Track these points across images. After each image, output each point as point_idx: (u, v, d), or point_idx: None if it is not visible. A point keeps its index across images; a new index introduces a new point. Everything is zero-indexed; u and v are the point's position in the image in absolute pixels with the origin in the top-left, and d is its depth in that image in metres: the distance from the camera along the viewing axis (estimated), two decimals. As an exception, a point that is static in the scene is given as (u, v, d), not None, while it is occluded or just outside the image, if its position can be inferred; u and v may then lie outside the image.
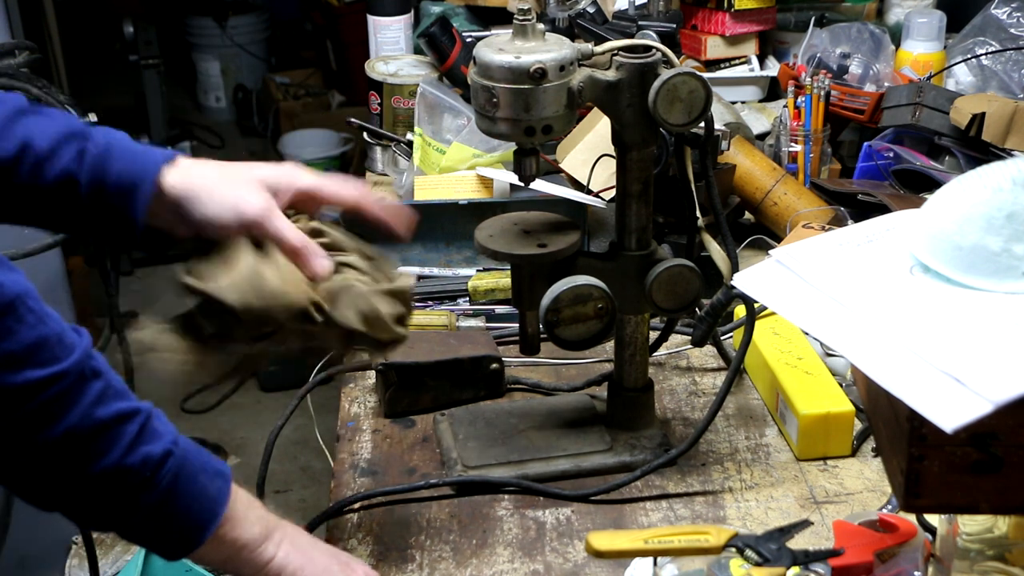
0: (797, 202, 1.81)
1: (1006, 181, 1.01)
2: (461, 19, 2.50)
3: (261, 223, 1.10)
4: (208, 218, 1.10)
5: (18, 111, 1.09)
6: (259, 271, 1.06)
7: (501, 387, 1.52)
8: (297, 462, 3.45)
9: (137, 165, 1.09)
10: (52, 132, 1.08)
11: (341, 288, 1.11)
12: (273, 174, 1.14)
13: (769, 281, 1.12)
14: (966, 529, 1.07)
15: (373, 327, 1.13)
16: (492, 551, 1.26)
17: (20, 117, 1.08)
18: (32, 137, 1.07)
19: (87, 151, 1.09)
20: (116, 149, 1.10)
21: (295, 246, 1.10)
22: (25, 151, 1.07)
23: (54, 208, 1.10)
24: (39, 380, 0.92)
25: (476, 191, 1.89)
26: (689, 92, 1.23)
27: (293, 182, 1.15)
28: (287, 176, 1.15)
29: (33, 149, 1.07)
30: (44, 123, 1.09)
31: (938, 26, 2.15)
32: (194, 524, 1.03)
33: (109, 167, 1.09)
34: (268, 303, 1.07)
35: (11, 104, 1.09)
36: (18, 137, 1.07)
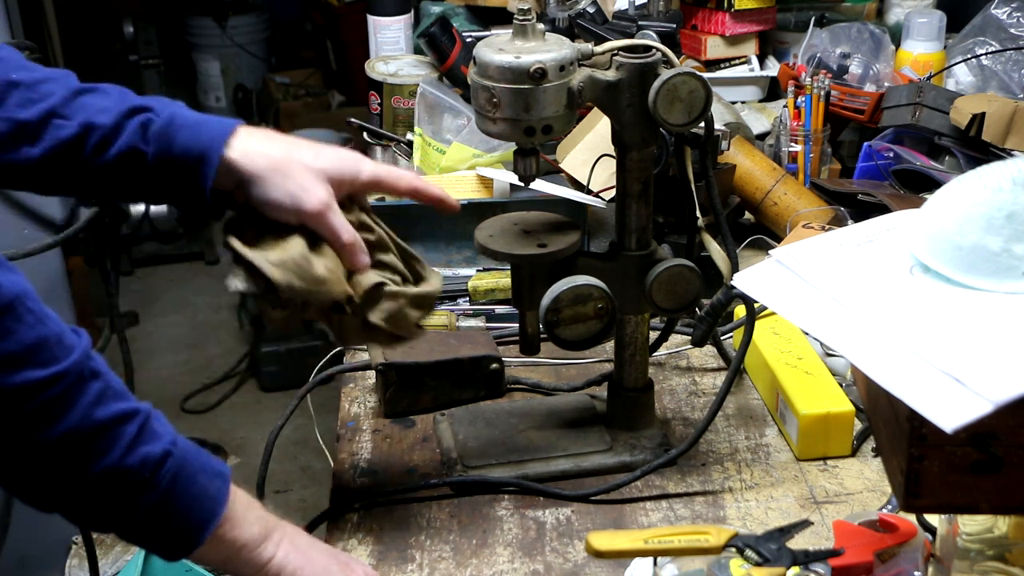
0: (797, 202, 1.81)
1: (1006, 181, 1.01)
2: (461, 19, 2.50)
3: (318, 219, 1.13)
4: (268, 201, 1.13)
5: (75, 91, 1.11)
6: (308, 257, 1.11)
7: (501, 387, 1.52)
8: (297, 462, 3.45)
9: (203, 136, 1.11)
10: (114, 108, 1.11)
11: (374, 286, 1.16)
12: (337, 166, 1.16)
13: (769, 281, 1.12)
14: (966, 529, 1.07)
15: (395, 326, 1.18)
16: (492, 551, 1.26)
17: (78, 97, 1.11)
18: (94, 115, 1.10)
19: (151, 123, 1.11)
20: (179, 119, 1.12)
21: (344, 243, 1.15)
22: (89, 130, 1.10)
23: (121, 181, 1.12)
24: (38, 381, 0.92)
25: (476, 191, 1.89)
26: (689, 92, 1.23)
27: (357, 175, 1.18)
28: (350, 168, 1.17)
29: (96, 126, 1.10)
30: (104, 100, 1.12)
31: (938, 26, 2.15)
32: (193, 524, 1.03)
33: (175, 138, 1.11)
34: (309, 289, 1.11)
35: (66, 84, 1.12)
36: (80, 116, 1.10)
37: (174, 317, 4.26)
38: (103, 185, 1.14)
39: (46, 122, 1.11)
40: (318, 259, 1.12)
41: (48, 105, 1.11)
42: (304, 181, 1.13)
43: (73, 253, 2.78)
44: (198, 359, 4.01)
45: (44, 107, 1.11)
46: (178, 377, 3.91)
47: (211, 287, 4.46)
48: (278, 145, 1.14)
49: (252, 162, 1.12)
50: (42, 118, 1.10)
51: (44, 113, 1.11)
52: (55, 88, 1.12)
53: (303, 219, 1.13)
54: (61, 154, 1.11)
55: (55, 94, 1.11)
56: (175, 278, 4.53)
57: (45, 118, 1.11)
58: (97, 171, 1.12)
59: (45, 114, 1.11)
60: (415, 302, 1.19)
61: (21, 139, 1.11)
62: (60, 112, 1.11)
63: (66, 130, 1.10)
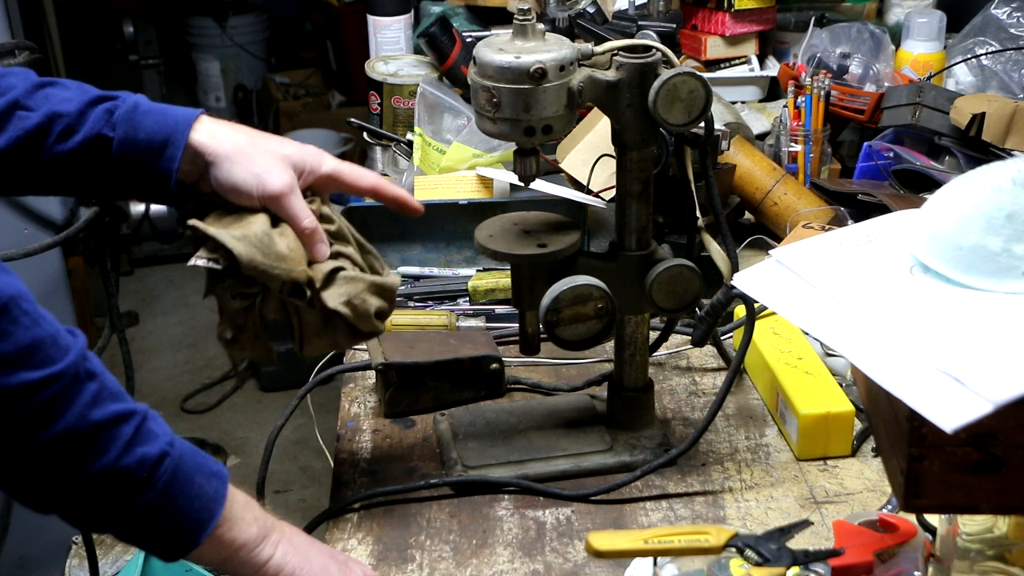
0: (797, 202, 1.81)
1: (1006, 181, 1.01)
2: (461, 19, 2.50)
3: (280, 200, 1.15)
4: (232, 183, 1.14)
5: (37, 84, 1.12)
6: (270, 234, 1.13)
7: (501, 387, 1.52)
8: (297, 462, 3.45)
9: (168, 121, 1.13)
10: (77, 98, 1.12)
11: (333, 271, 1.17)
12: (300, 154, 1.18)
13: (769, 281, 1.12)
14: (966, 529, 1.07)
15: (355, 314, 1.18)
16: (492, 551, 1.26)
17: (41, 89, 1.12)
18: (57, 104, 1.11)
19: (116, 109, 1.12)
20: (144, 105, 1.13)
21: (306, 228, 1.16)
22: (53, 119, 1.11)
23: (85, 170, 1.13)
24: (34, 382, 0.92)
25: (476, 191, 1.89)
26: (689, 92, 1.23)
27: (318, 166, 1.19)
28: (312, 159, 1.19)
29: (61, 115, 1.11)
30: (66, 92, 1.13)
31: (938, 26, 2.15)
32: (191, 525, 1.03)
33: (140, 123, 1.12)
34: (271, 264, 1.12)
35: (27, 77, 1.13)
36: (44, 106, 1.11)
37: (174, 317, 4.26)
38: (67, 176, 1.14)
39: (10, 113, 1.11)
40: (280, 238, 1.13)
41: (11, 97, 1.11)
42: (268, 164, 1.15)
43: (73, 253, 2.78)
44: (198, 359, 4.01)
45: (7, 99, 1.11)
46: (178, 377, 3.91)
47: (211, 287, 4.46)
48: (242, 132, 1.16)
49: (218, 144, 1.14)
50: (6, 110, 1.11)
51: (8, 104, 1.11)
52: (16, 82, 1.13)
53: (266, 201, 1.14)
54: (25, 144, 1.12)
55: (16, 87, 1.12)
56: (175, 278, 4.53)
57: (9, 109, 1.11)
58: (62, 161, 1.12)
59: (9, 105, 1.11)
60: (374, 289, 1.20)
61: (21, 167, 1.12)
62: (23, 103, 1.12)
63: (30, 120, 1.11)
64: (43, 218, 2.34)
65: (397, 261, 1.79)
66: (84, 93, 1.14)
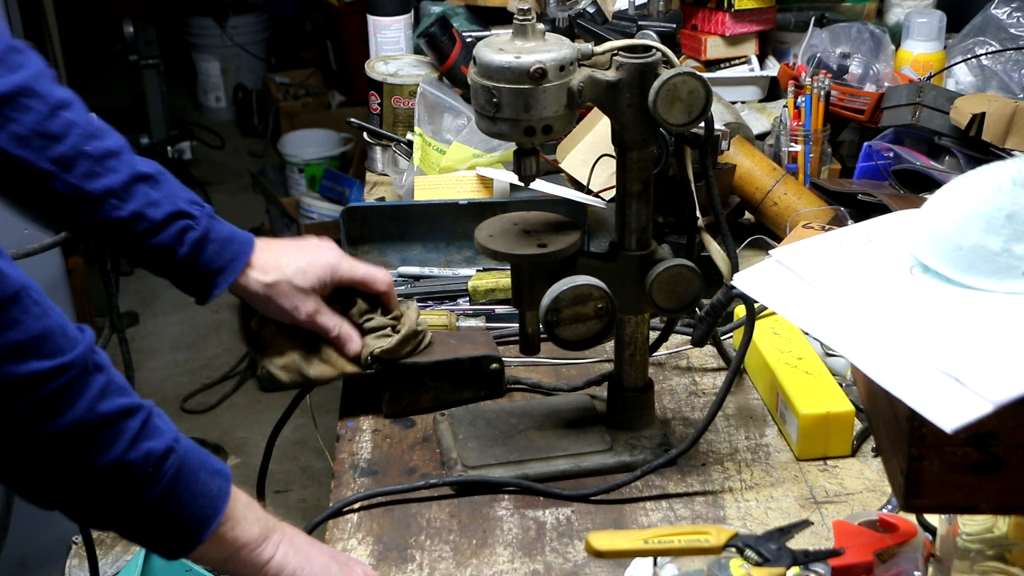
0: (797, 202, 1.81)
1: (1006, 181, 1.01)
2: (461, 19, 2.50)
3: (310, 324, 1.42)
4: (269, 314, 1.42)
5: (135, 177, 1.29)
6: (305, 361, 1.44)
7: (501, 387, 1.52)
8: (297, 462, 3.45)
9: (225, 256, 1.36)
10: (163, 206, 1.31)
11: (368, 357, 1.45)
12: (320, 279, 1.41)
13: (769, 281, 1.12)
14: (966, 529, 1.07)
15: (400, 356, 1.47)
16: (492, 551, 1.26)
17: (136, 183, 1.29)
18: (145, 207, 1.30)
19: (189, 230, 1.32)
20: (213, 233, 1.34)
21: (332, 336, 1.43)
22: (138, 219, 1.29)
23: (146, 259, 1.33)
24: (44, 371, 0.93)
25: (476, 191, 1.89)
26: (689, 92, 1.23)
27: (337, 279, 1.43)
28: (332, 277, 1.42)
29: (145, 220, 1.30)
30: (157, 193, 1.31)
31: (938, 26, 2.15)
32: (195, 522, 1.03)
33: (204, 250, 1.34)
34: (309, 382, 1.46)
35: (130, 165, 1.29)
36: (134, 204, 1.29)
37: (174, 317, 4.26)
38: (129, 254, 1.33)
39: (103, 199, 1.27)
40: (312, 361, 1.44)
41: (110, 184, 1.27)
42: (295, 300, 1.40)
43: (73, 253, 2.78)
44: (198, 359, 4.01)
45: (106, 184, 1.27)
46: (178, 377, 3.91)
47: (211, 287, 4.45)
48: (275, 269, 1.39)
49: (254, 289, 1.38)
50: (102, 194, 1.27)
51: (105, 191, 1.27)
52: (118, 166, 1.28)
53: (298, 324, 1.42)
54: (107, 227, 1.29)
55: (118, 173, 1.28)
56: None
57: (104, 195, 1.27)
58: (131, 247, 1.32)
59: (105, 191, 1.27)
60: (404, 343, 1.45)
61: (78, 207, 1.27)
62: (119, 195, 1.28)
63: (119, 212, 1.28)
64: (43, 218, 2.34)
65: (397, 261, 1.79)
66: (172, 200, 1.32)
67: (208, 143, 5.51)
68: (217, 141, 5.53)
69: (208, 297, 1.37)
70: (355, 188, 4.25)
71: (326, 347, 1.45)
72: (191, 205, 1.34)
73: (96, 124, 1.29)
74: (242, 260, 1.37)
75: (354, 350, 1.44)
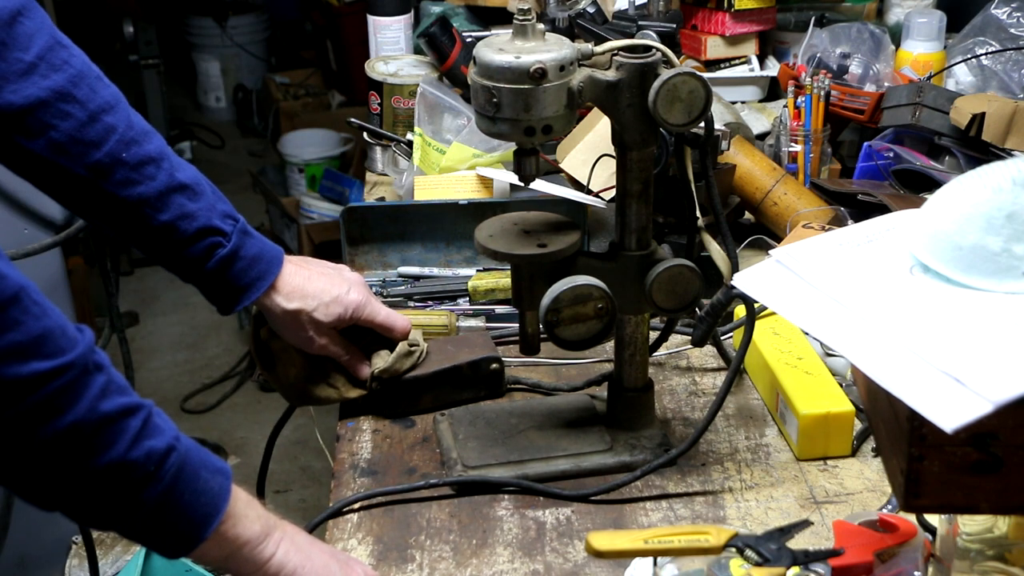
0: (797, 202, 1.81)
1: (1006, 181, 1.01)
2: (461, 19, 2.50)
3: (321, 352, 1.45)
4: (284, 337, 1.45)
5: (171, 188, 1.30)
6: (308, 386, 1.48)
7: (501, 387, 1.52)
8: (297, 462, 3.45)
9: (251, 275, 1.37)
10: (198, 219, 1.32)
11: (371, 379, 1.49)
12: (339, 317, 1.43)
13: (769, 281, 1.12)
14: (966, 529, 1.07)
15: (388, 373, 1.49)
16: (492, 551, 1.26)
17: (172, 194, 1.30)
18: (179, 219, 1.31)
19: (220, 247, 1.34)
20: (242, 250, 1.35)
21: (344, 362, 1.47)
22: (171, 231, 1.31)
23: (175, 266, 1.36)
24: (46, 372, 0.92)
25: (476, 191, 1.89)
26: (689, 92, 1.23)
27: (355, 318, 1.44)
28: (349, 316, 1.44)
29: (177, 232, 1.31)
30: (192, 205, 1.32)
31: (938, 26, 2.14)
32: (197, 520, 1.03)
33: (231, 267, 1.35)
34: (315, 402, 1.49)
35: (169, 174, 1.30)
36: (167, 215, 1.30)
37: (174, 317, 4.26)
38: (159, 260, 1.36)
39: (138, 208, 1.29)
40: (318, 384, 1.47)
41: (145, 192, 1.29)
42: (311, 331, 1.42)
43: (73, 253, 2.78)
44: (198, 359, 4.01)
45: (142, 193, 1.29)
46: (178, 377, 3.91)
47: (211, 287, 4.45)
48: (299, 298, 1.40)
49: (274, 311, 1.40)
50: (136, 203, 1.29)
51: (140, 199, 1.29)
52: (156, 174, 1.29)
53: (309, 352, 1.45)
54: (139, 233, 1.32)
55: (155, 181, 1.29)
56: (175, 278, 4.51)
57: (139, 204, 1.29)
58: (162, 254, 1.34)
59: (140, 200, 1.29)
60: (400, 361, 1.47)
61: (113, 213, 1.30)
62: (153, 204, 1.30)
63: (152, 222, 1.30)
64: (43, 218, 2.34)
65: (397, 261, 1.79)
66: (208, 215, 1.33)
67: (208, 143, 5.51)
68: (217, 141, 5.53)
69: (231, 310, 1.39)
70: (355, 188, 4.25)
71: (333, 371, 1.48)
72: (224, 220, 1.34)
73: (137, 128, 1.30)
74: (268, 280, 1.38)
75: (365, 374, 1.47)
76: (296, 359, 1.46)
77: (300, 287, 1.40)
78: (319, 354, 1.45)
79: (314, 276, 1.42)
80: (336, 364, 1.47)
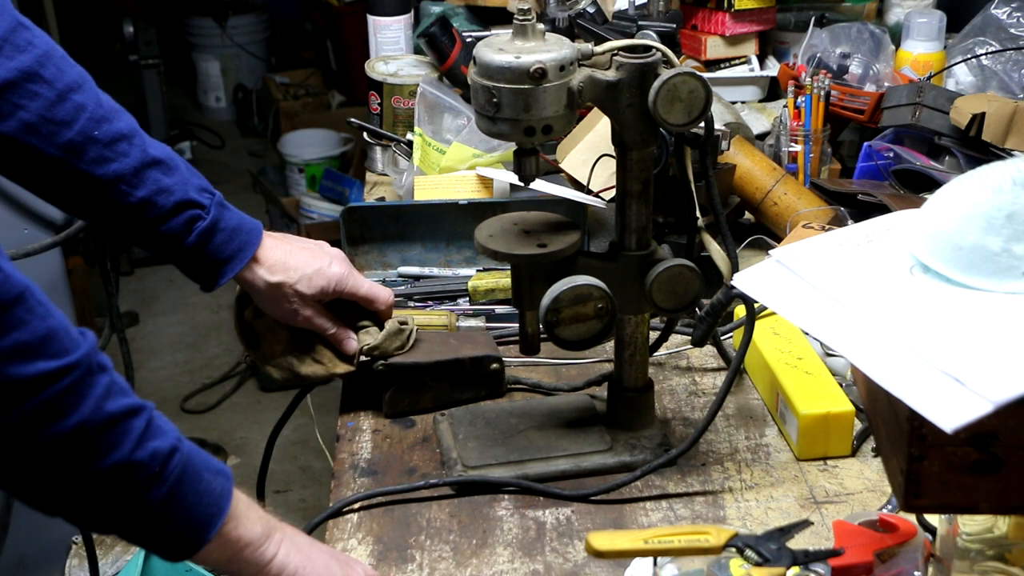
0: (797, 202, 1.81)
1: (1006, 181, 1.01)
2: (461, 19, 2.50)
3: (307, 325, 1.45)
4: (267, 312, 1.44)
5: (145, 163, 1.29)
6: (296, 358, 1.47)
7: (501, 387, 1.52)
8: (297, 462, 3.45)
9: (232, 247, 1.37)
10: (174, 193, 1.31)
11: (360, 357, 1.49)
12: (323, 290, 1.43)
13: (769, 281, 1.12)
14: (966, 529, 1.07)
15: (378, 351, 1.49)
16: (492, 551, 1.26)
17: (147, 169, 1.30)
18: (155, 194, 1.30)
19: (198, 220, 1.33)
20: (221, 223, 1.35)
21: (329, 336, 1.46)
22: (148, 207, 1.30)
23: (153, 244, 1.34)
24: (51, 371, 0.92)
25: (476, 191, 1.89)
26: (689, 92, 1.23)
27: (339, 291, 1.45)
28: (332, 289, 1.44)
29: (155, 207, 1.31)
30: (168, 179, 1.31)
31: (938, 26, 2.14)
32: (200, 521, 1.03)
33: (211, 241, 1.35)
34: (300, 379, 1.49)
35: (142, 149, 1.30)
36: (143, 191, 1.30)
37: (174, 317, 4.26)
38: (137, 239, 1.35)
39: (113, 185, 1.28)
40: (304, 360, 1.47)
41: (120, 169, 1.28)
42: (295, 304, 1.42)
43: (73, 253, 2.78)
44: (198, 359, 4.01)
45: (116, 170, 1.28)
46: (178, 377, 3.91)
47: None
48: (281, 271, 1.40)
49: (257, 285, 1.40)
50: (112, 180, 1.28)
51: (115, 176, 1.28)
52: (129, 151, 1.29)
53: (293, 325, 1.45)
54: (116, 212, 1.30)
55: (129, 157, 1.28)
56: (175, 278, 4.53)
57: (114, 181, 1.28)
58: (140, 232, 1.33)
59: (115, 177, 1.28)
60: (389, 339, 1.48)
61: (88, 192, 1.28)
62: (129, 180, 1.29)
63: (129, 198, 1.29)
64: (43, 218, 2.34)
65: (397, 261, 1.79)
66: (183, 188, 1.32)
67: (208, 143, 5.51)
68: (217, 141, 5.53)
69: (214, 285, 1.39)
70: (355, 188, 4.25)
71: (319, 346, 1.47)
72: (201, 193, 1.34)
73: (107, 106, 1.29)
74: (249, 251, 1.38)
75: (351, 348, 1.46)
76: (281, 335, 1.46)
77: (282, 260, 1.40)
78: (304, 327, 1.44)
79: (295, 250, 1.42)
80: (322, 340, 1.47)
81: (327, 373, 1.48)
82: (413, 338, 1.49)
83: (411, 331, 1.49)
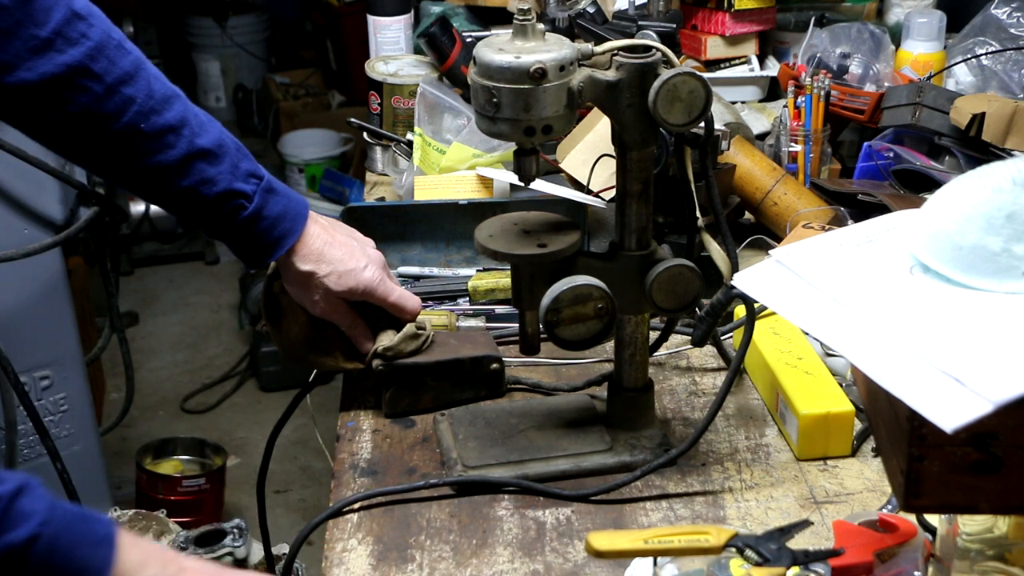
0: (797, 202, 1.81)
1: (1006, 181, 1.01)
2: (461, 19, 2.50)
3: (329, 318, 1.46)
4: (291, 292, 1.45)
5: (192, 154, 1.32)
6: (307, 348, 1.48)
7: (501, 387, 1.52)
8: (297, 462, 3.45)
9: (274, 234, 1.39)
10: (217, 187, 1.34)
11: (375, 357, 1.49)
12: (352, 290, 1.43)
13: (769, 281, 1.12)
14: (966, 529, 1.07)
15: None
16: (492, 551, 1.26)
17: (194, 161, 1.33)
18: (200, 184, 1.34)
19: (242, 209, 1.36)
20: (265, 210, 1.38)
21: (349, 333, 1.48)
22: (191, 196, 1.34)
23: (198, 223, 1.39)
24: None
25: (476, 191, 1.89)
26: (689, 92, 1.23)
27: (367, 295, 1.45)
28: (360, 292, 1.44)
29: (199, 197, 1.34)
30: (213, 169, 1.34)
31: (938, 26, 2.15)
32: None
33: (254, 227, 1.38)
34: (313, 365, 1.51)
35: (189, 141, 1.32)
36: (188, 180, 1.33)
37: (174, 317, 4.26)
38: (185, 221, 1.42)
39: (157, 176, 1.32)
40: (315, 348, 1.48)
41: (164, 160, 1.31)
42: (321, 300, 1.44)
43: (73, 253, 2.78)
44: (198, 359, 4.01)
45: (160, 161, 1.31)
46: (178, 377, 3.91)
47: (211, 287, 4.46)
48: (314, 263, 1.41)
49: (288, 268, 1.42)
50: (155, 171, 1.32)
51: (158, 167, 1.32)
52: (176, 142, 1.31)
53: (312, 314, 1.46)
54: (163, 196, 1.36)
55: (175, 149, 1.31)
56: (175, 278, 4.53)
57: (157, 172, 1.32)
58: (185, 215, 1.38)
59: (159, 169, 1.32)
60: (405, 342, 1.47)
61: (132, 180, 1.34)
62: (173, 172, 1.32)
63: (172, 188, 1.34)
64: (43, 218, 2.34)
65: (397, 261, 1.79)
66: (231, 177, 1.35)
67: (208, 143, 5.50)
68: (217, 141, 5.52)
69: (258, 266, 1.42)
70: (355, 188, 4.25)
71: (335, 338, 1.48)
72: (247, 180, 1.36)
73: (158, 95, 1.31)
74: (290, 239, 1.40)
75: (366, 348, 1.47)
76: (301, 318, 1.47)
77: (318, 250, 1.41)
78: (322, 318, 1.46)
79: (335, 243, 1.43)
80: (340, 333, 1.47)
81: (336, 366, 1.49)
82: (429, 343, 1.49)
83: (428, 336, 1.49)
